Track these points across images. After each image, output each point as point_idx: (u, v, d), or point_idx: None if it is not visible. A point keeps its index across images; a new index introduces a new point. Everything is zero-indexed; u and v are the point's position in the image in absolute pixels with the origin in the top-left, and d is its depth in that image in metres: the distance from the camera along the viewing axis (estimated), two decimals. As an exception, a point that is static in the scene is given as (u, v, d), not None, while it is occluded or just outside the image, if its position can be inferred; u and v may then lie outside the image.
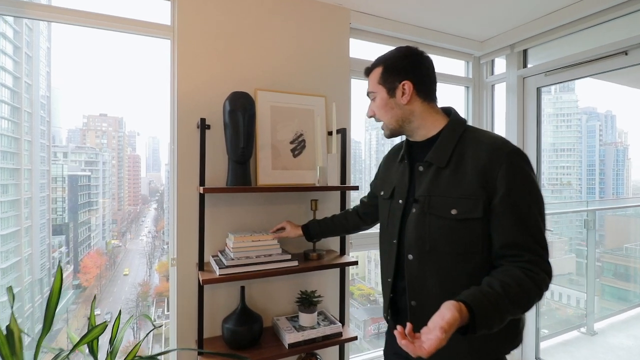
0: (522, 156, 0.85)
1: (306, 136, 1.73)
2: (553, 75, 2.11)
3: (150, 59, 33.85)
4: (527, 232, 0.81)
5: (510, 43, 2.22)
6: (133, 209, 28.66)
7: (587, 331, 3.15)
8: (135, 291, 22.35)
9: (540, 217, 0.83)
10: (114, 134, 35.86)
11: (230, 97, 1.42)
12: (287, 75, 1.72)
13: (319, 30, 1.80)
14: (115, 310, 20.00)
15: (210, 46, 1.57)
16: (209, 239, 1.52)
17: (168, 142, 1.66)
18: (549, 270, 0.81)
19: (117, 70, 35.22)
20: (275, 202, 1.68)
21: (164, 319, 20.26)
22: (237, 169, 1.45)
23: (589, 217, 3.19)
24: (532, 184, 0.83)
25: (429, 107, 0.97)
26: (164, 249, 26.28)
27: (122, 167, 32.98)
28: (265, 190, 1.45)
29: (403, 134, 1.03)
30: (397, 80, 0.96)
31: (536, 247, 0.81)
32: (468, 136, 0.91)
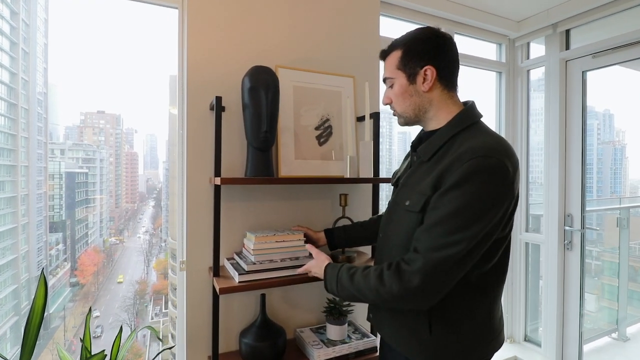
0: (485, 166, 0.73)
1: (333, 121, 1.51)
2: (602, 57, 1.90)
3: (151, 52, 33.62)
4: (429, 235, 0.76)
5: (553, 22, 2.00)
6: (130, 206, 28.44)
7: (619, 337, 2.95)
8: (132, 289, 22.11)
9: (458, 230, 0.73)
10: (111, 131, 35.59)
11: (251, 73, 1.20)
12: (311, 51, 1.50)
13: (347, 2, 1.58)
14: (112, 309, 19.70)
15: (224, 15, 1.34)
16: (224, 238, 1.31)
17: (166, 140, 1.44)
18: (410, 277, 0.74)
19: (115, 67, 35.07)
20: (298, 197, 1.47)
21: (161, 316, 20.02)
22: (258, 157, 1.23)
23: (621, 215, 2.99)
24: (474, 195, 0.73)
25: (448, 96, 0.89)
26: (161, 247, 26.00)
27: (120, 165, 32.72)
28: (290, 182, 1.23)
29: (418, 124, 0.95)
30: (419, 65, 0.87)
31: (422, 250, 0.75)
32: (463, 135, 0.83)
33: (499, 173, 0.74)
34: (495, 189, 0.73)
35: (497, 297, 0.87)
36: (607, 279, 3.19)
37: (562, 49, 2.05)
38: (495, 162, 0.73)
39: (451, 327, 0.82)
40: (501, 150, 0.76)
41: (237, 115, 1.33)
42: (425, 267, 0.73)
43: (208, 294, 1.30)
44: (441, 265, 0.73)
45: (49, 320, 18.58)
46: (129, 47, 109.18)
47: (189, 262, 1.29)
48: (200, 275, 1.30)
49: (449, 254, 0.72)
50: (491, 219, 0.73)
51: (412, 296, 0.75)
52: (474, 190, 0.73)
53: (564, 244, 2.10)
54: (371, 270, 0.82)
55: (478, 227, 0.72)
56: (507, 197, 0.75)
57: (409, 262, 0.76)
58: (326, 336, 1.37)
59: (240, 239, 1.36)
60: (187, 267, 1.28)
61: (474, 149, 0.75)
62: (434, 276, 0.73)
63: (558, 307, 2.11)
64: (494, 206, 0.73)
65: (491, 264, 0.81)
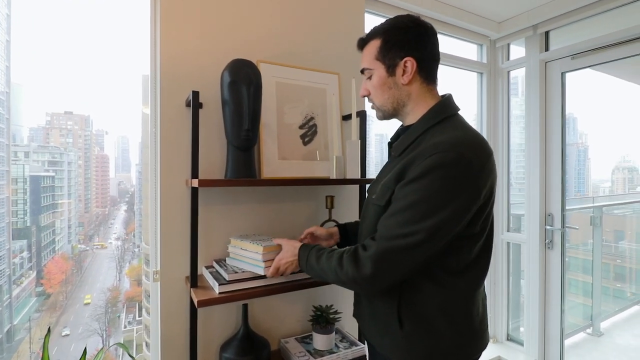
0: (445, 161, 0.71)
1: (317, 120, 1.44)
2: (582, 59, 1.92)
3: (123, 50, 32.48)
4: (385, 224, 0.77)
5: (533, 23, 2.02)
6: (101, 211, 27.33)
7: (594, 332, 3.03)
8: (104, 297, 21.22)
9: (410, 222, 0.72)
10: (80, 132, 34.22)
11: (231, 66, 1.12)
12: (294, 46, 1.43)
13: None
14: (82, 318, 18.81)
15: (200, 4, 1.25)
16: (202, 245, 1.21)
17: (139, 142, 1.33)
18: (364, 262, 0.75)
19: (84, 65, 33.67)
20: (281, 199, 1.39)
21: (135, 324, 19.34)
22: (238, 157, 1.14)
23: (594, 214, 3.07)
24: (429, 189, 0.72)
25: (427, 89, 0.87)
26: (134, 252, 25.13)
27: (89, 168, 31.42)
28: (273, 183, 1.15)
29: (397, 118, 0.92)
30: (399, 56, 0.84)
31: (377, 237, 0.77)
32: (434, 130, 0.81)
33: (458, 167, 0.71)
34: (452, 183, 0.71)
35: (474, 296, 0.83)
36: (581, 276, 3.27)
37: (542, 51, 2.08)
38: (455, 156, 0.71)
39: (423, 324, 0.80)
40: (466, 144, 0.73)
41: (215, 112, 1.24)
42: (376, 254, 0.74)
43: (185, 307, 1.20)
44: (389, 254, 0.73)
45: (13, 333, 17.51)
46: (100, 45, 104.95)
47: (164, 272, 1.18)
48: (176, 286, 1.20)
49: (399, 244, 0.72)
50: (449, 214, 0.71)
51: (362, 280, 0.76)
52: (429, 185, 0.71)
53: (545, 243, 2.12)
54: (335, 253, 0.83)
55: (431, 221, 0.71)
56: (467, 191, 0.73)
57: (366, 247, 0.77)
58: (313, 346, 1.30)
59: (220, 245, 1.26)
60: (161, 278, 1.17)
61: (437, 144, 0.74)
62: (383, 263, 0.74)
63: (540, 306, 2.13)
64: (450, 201, 0.71)
65: (464, 263, 0.79)
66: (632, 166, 10.83)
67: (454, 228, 0.73)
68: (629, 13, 1.76)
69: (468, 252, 0.79)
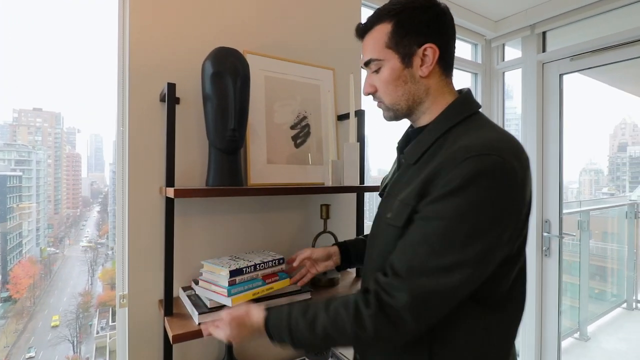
0: (486, 167, 0.56)
1: (311, 119, 1.29)
2: (580, 60, 1.86)
3: (96, 45, 31.34)
4: (413, 254, 0.59)
5: (531, 23, 1.95)
6: (72, 212, 26.28)
7: (581, 337, 3.02)
8: (75, 302, 20.35)
9: (452, 250, 0.56)
10: (50, 130, 32.95)
11: (215, 55, 0.96)
12: (285, 37, 1.28)
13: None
14: (50, 324, 17.98)
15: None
16: (179, 263, 1.04)
17: (113, 140, 1.16)
18: (399, 315, 0.57)
19: (55, 60, 32.38)
20: (270, 208, 1.23)
21: (108, 330, 18.68)
22: (223, 162, 0.98)
23: (582, 218, 3.06)
24: (472, 205, 0.56)
25: (445, 83, 0.72)
26: (107, 255, 24.22)
27: (60, 167, 30.24)
28: (263, 192, 1.00)
29: (408, 118, 0.77)
30: (417, 42, 0.69)
31: (404, 272, 0.58)
32: (457, 130, 0.66)
33: (503, 175, 0.57)
34: (497, 194, 0.56)
35: (515, 334, 0.68)
36: (569, 278, 3.27)
37: (539, 52, 2.01)
38: (497, 161, 0.56)
39: None
40: (505, 147, 0.59)
41: (195, 108, 1.08)
42: (414, 302, 0.56)
43: (157, 338, 1.03)
44: (430, 297, 0.57)
45: (-24, 341, 16.49)
46: (72, 39, 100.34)
47: (132, 296, 1.00)
48: (148, 313, 1.02)
49: (440, 282, 0.56)
50: (497, 234, 0.57)
51: (402, 338, 0.60)
52: (472, 199, 0.56)
53: (542, 251, 2.05)
54: (340, 309, 0.62)
55: (478, 245, 0.56)
56: (516, 205, 0.59)
57: (389, 291, 0.59)
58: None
59: (200, 263, 1.10)
60: (129, 303, 1.00)
61: (469, 147, 0.58)
62: (426, 311, 0.57)
63: (537, 317, 2.06)
64: (498, 217, 0.57)
65: (501, 293, 0.63)
66: (598, 168, 11.20)
67: (502, 251, 0.59)
68: (630, 14, 1.71)
69: (507, 278, 0.63)
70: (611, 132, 11.22)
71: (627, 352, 2.82)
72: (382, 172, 6.28)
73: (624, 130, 11.59)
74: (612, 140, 11.15)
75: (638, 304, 3.51)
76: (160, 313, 0.99)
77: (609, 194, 9.70)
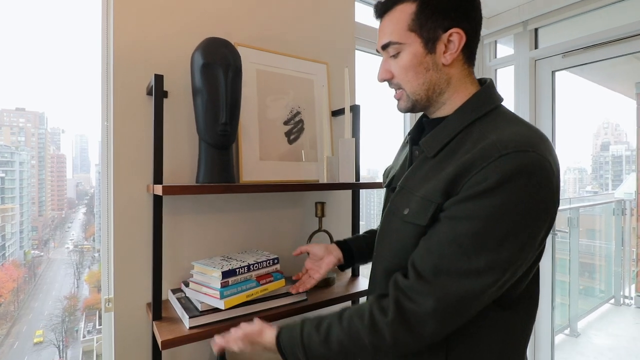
0: (524, 164, 0.53)
1: (304, 115, 1.26)
2: (572, 57, 1.86)
3: (81, 44, 30.72)
4: (440, 254, 0.55)
5: (523, 19, 1.94)
6: (57, 214, 25.65)
7: (571, 333, 3.05)
8: (60, 305, 19.92)
9: (484, 250, 0.53)
10: (33, 130, 32.25)
11: (205, 46, 0.91)
12: (277, 30, 1.24)
13: (318, -25, 1.34)
14: (36, 329, 17.64)
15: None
16: (168, 264, 1.00)
17: (99, 141, 1.11)
18: (420, 322, 0.55)
19: (39, 60, 31.71)
20: (263, 206, 1.19)
21: (95, 333, 18.35)
22: (214, 158, 0.94)
23: (571, 215, 3.10)
24: (508, 204, 0.52)
25: (468, 72, 0.67)
26: (94, 257, 23.78)
27: (44, 168, 29.59)
28: (257, 189, 0.96)
29: (425, 110, 0.72)
30: (442, 26, 0.63)
31: (430, 274, 0.55)
32: (482, 124, 0.61)
33: (542, 173, 0.53)
34: (537, 193, 0.53)
35: (528, 333, 0.66)
36: (558, 276, 3.30)
37: (532, 48, 2.00)
38: (536, 159, 0.53)
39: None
40: (539, 143, 0.55)
41: (184, 102, 1.03)
42: (440, 306, 0.54)
43: (146, 342, 0.98)
44: (461, 303, 0.54)
45: (-44, 347, 16.03)
46: (56, 37, 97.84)
47: (118, 300, 0.95)
48: (135, 317, 0.97)
49: (470, 286, 0.53)
50: (531, 238, 0.53)
51: (420, 345, 0.57)
52: (509, 199, 0.52)
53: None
54: (354, 319, 0.60)
55: (513, 248, 0.53)
56: (552, 206, 0.55)
57: (412, 296, 0.56)
58: (301, 378, 1.12)
59: (190, 263, 1.05)
60: (115, 307, 0.94)
61: (504, 142, 0.54)
62: (454, 317, 0.55)
63: (530, 313, 2.06)
64: (535, 220, 0.53)
65: (517, 292, 0.61)
66: (581, 167, 11.40)
67: (535, 252, 0.56)
68: (621, 11, 1.71)
69: (526, 278, 0.61)
70: (594, 131, 11.46)
71: (616, 347, 2.86)
72: (371, 171, 6.15)
73: (607, 129, 11.86)
74: (596, 140, 11.39)
75: (626, 300, 3.57)
76: (149, 317, 0.94)
77: (592, 192, 9.94)
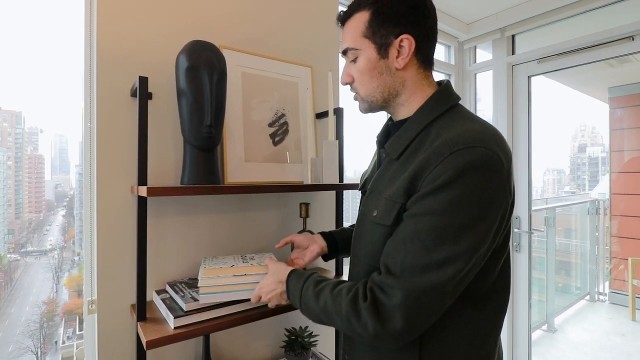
0: (472, 159, 0.56)
1: (289, 117, 1.28)
2: (547, 63, 1.94)
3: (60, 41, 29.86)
4: (405, 251, 0.59)
5: (501, 26, 2.02)
6: (35, 216, 25.13)
7: (549, 329, 3.15)
8: (38, 311, 19.34)
9: (444, 244, 0.56)
10: (9, 130, 31.58)
11: (189, 48, 0.92)
12: (262, 33, 1.25)
13: (302, -20, 1.36)
14: (12, 335, 17.14)
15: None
16: (152, 265, 1.00)
17: (79, 141, 1.10)
18: (389, 314, 0.57)
19: (15, 57, 30.84)
20: (248, 208, 1.21)
21: (75, 339, 17.92)
22: (199, 159, 0.95)
23: (548, 215, 3.21)
24: (461, 198, 0.56)
25: (424, 75, 0.71)
26: (74, 261, 23.32)
27: (21, 169, 28.99)
28: (242, 190, 0.97)
29: (385, 110, 0.76)
30: (393, 33, 0.68)
31: (398, 271, 0.59)
32: (438, 124, 0.66)
33: (490, 167, 0.57)
34: (487, 186, 0.57)
35: (499, 325, 0.70)
36: (537, 273, 3.41)
37: (509, 54, 2.08)
38: (484, 153, 0.57)
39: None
40: (489, 138, 0.59)
41: (169, 104, 1.04)
42: (407, 301, 0.56)
43: (130, 345, 0.98)
44: (424, 296, 0.56)
45: None
46: (33, 34, 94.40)
47: (102, 302, 0.95)
48: (119, 319, 0.97)
49: (434, 279, 0.56)
50: (487, 228, 0.57)
51: (389, 337, 0.58)
52: (461, 192, 0.56)
53: (512, 246, 2.12)
54: (343, 291, 0.64)
55: (471, 238, 0.56)
56: (504, 196, 0.59)
57: (385, 289, 0.59)
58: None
59: (175, 265, 1.06)
60: (99, 309, 0.94)
61: (454, 139, 0.59)
62: (417, 311, 0.57)
63: (509, 310, 2.12)
64: (487, 209, 0.57)
65: (487, 285, 0.65)
66: (560, 168, 11.69)
67: (492, 243, 0.59)
68: (593, 20, 1.80)
69: (492, 270, 0.64)
70: (572, 133, 11.82)
71: (590, 342, 2.97)
72: (358, 172, 6.21)
73: (584, 132, 12.24)
74: (573, 142, 11.73)
75: (600, 296, 3.71)
76: (133, 318, 0.94)
77: (570, 192, 10.24)
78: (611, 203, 3.66)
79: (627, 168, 3.42)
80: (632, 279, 3.25)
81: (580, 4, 1.73)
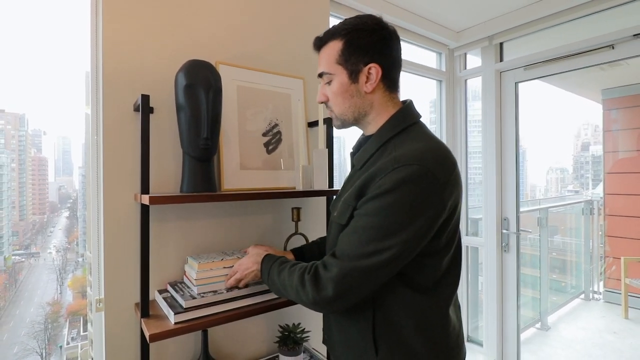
0: (407, 176, 0.68)
1: (282, 127, 1.36)
2: (533, 70, 2.02)
3: (63, 44, 30.01)
4: (347, 241, 0.72)
5: (489, 34, 2.09)
6: (39, 218, 25.05)
7: (542, 327, 3.21)
8: (43, 312, 19.36)
9: (372, 241, 0.69)
10: (13, 132, 31.41)
11: (187, 68, 1.01)
12: (256, 48, 1.34)
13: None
14: (17, 337, 17.21)
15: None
16: (154, 266, 1.08)
17: (82, 143, 1.18)
18: (325, 284, 0.71)
19: (19, 59, 30.89)
20: (244, 212, 1.29)
21: (79, 340, 17.86)
22: (196, 169, 1.03)
23: (541, 215, 3.27)
24: (391, 207, 0.68)
25: (389, 97, 0.82)
26: (78, 262, 23.14)
27: (25, 171, 28.88)
28: (237, 197, 1.06)
29: (357, 126, 0.88)
30: (362, 61, 0.78)
31: (339, 255, 0.72)
32: (394, 141, 0.77)
33: (423, 181, 0.68)
34: (417, 198, 0.68)
35: (448, 312, 0.81)
36: (531, 271, 3.47)
37: (497, 61, 2.15)
38: (419, 170, 0.68)
39: (400, 347, 0.75)
40: (429, 156, 0.70)
41: (169, 117, 1.12)
42: (338, 276, 0.70)
43: (135, 339, 1.06)
44: (353, 275, 0.69)
45: None
46: (37, 38, 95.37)
47: (108, 300, 1.04)
48: (124, 316, 1.05)
49: (363, 265, 0.69)
50: (414, 231, 0.68)
51: (323, 302, 0.72)
52: (391, 202, 0.68)
53: (501, 246, 2.20)
54: (297, 268, 0.78)
55: (397, 238, 0.68)
56: (433, 206, 0.69)
57: (327, 266, 0.73)
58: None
59: (175, 266, 1.14)
60: (105, 307, 1.03)
61: (398, 158, 0.71)
62: (346, 285, 0.70)
63: (497, 307, 2.20)
64: (416, 217, 0.68)
65: (434, 279, 0.76)
66: (563, 167, 11.64)
67: (419, 244, 0.70)
68: (577, 28, 1.87)
69: (436, 268, 0.76)
70: (575, 132, 11.81)
71: (584, 340, 3.03)
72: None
73: (587, 130, 12.20)
74: (576, 140, 11.72)
75: (595, 295, 3.76)
76: (137, 316, 1.03)
77: (573, 192, 10.26)
78: (605, 203, 3.71)
79: (617, 169, 3.48)
80: (624, 278, 3.31)
81: (563, 14, 1.81)
